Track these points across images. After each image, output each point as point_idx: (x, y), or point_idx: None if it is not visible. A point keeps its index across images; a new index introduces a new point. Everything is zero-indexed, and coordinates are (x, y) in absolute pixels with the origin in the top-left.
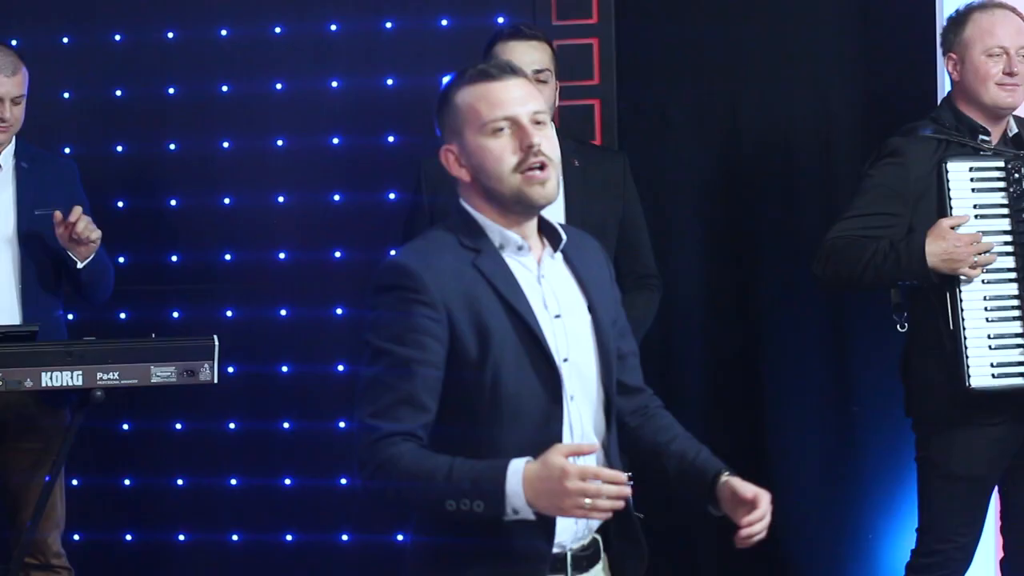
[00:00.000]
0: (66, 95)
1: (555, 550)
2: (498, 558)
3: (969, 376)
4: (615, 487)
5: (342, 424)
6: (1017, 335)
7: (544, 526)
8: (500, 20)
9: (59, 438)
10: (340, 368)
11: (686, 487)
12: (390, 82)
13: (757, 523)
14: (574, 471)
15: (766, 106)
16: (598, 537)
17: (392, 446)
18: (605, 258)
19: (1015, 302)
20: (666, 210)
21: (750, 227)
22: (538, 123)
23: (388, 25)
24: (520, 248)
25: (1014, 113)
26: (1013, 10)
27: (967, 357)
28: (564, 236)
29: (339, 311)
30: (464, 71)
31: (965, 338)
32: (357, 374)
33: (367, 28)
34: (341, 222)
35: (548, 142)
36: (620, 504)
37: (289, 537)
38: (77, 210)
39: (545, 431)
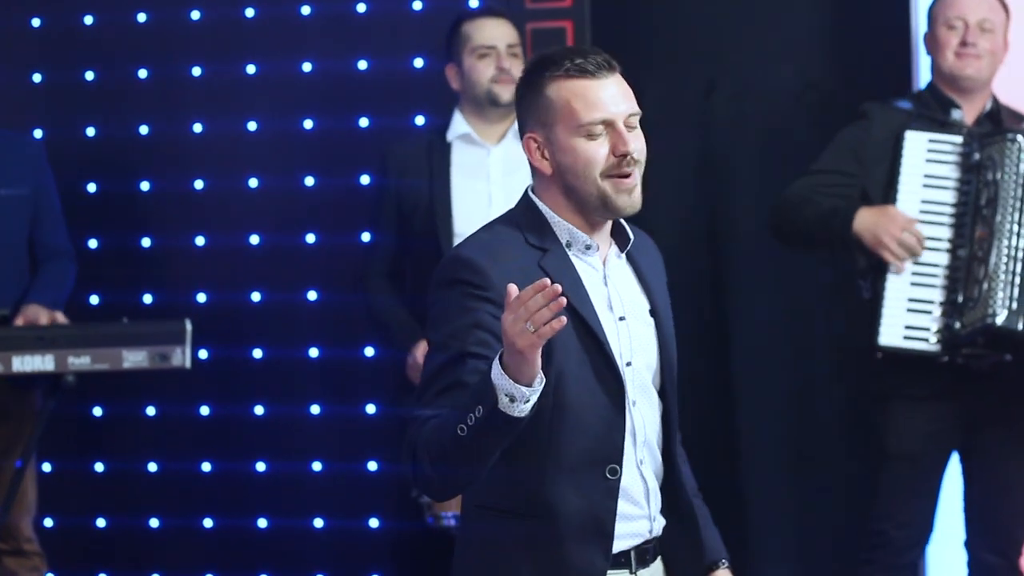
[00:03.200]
0: (36, 77)
1: (615, 550)
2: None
3: (879, 334)
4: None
5: (315, 409)
6: (937, 303)
7: (601, 541)
8: (474, 2)
9: (30, 423)
10: (313, 353)
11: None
12: (363, 65)
13: None
14: (510, 325)
15: (742, 89)
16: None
17: (423, 425)
18: (663, 264)
19: (942, 271)
20: (643, 193)
21: (727, 208)
22: (631, 126)
23: (361, 7)
24: (588, 247)
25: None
26: None
27: (881, 316)
28: (632, 237)
29: (312, 295)
30: (557, 60)
31: (884, 298)
32: (331, 359)
33: (340, 10)
34: (314, 206)
35: (638, 143)
36: (563, 320)
37: (262, 523)
38: (29, 312)
39: (607, 436)
